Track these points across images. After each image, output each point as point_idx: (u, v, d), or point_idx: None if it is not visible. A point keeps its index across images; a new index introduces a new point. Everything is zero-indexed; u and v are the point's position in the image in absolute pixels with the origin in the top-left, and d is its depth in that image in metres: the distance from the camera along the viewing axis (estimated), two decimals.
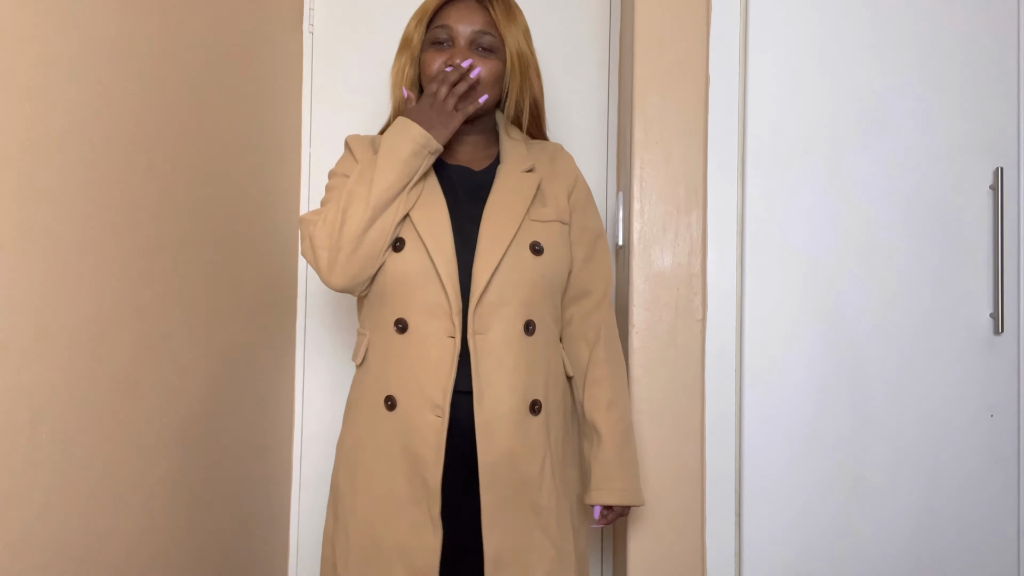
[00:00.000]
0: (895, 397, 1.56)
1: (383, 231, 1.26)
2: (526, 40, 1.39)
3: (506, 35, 1.35)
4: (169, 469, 1.39)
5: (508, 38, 1.35)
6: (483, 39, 1.35)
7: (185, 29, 1.42)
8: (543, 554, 1.27)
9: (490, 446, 1.25)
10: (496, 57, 1.36)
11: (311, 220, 1.30)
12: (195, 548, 1.50)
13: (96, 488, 1.19)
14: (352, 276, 1.27)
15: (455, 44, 1.34)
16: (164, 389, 1.37)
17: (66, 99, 1.09)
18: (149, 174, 1.31)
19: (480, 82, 1.33)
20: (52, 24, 1.07)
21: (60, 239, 1.09)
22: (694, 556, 1.55)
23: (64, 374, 1.11)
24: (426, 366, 1.26)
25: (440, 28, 1.35)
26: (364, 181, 1.27)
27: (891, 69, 1.58)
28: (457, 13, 1.35)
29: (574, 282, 1.40)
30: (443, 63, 1.33)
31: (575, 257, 1.39)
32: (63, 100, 1.09)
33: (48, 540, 1.08)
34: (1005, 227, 1.56)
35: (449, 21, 1.35)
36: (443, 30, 1.35)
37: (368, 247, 1.26)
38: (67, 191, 1.10)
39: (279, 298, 1.89)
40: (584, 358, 1.39)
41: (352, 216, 1.25)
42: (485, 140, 1.42)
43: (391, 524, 1.27)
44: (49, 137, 1.06)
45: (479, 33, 1.34)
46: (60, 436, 1.10)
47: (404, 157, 1.26)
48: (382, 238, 1.27)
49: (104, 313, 1.20)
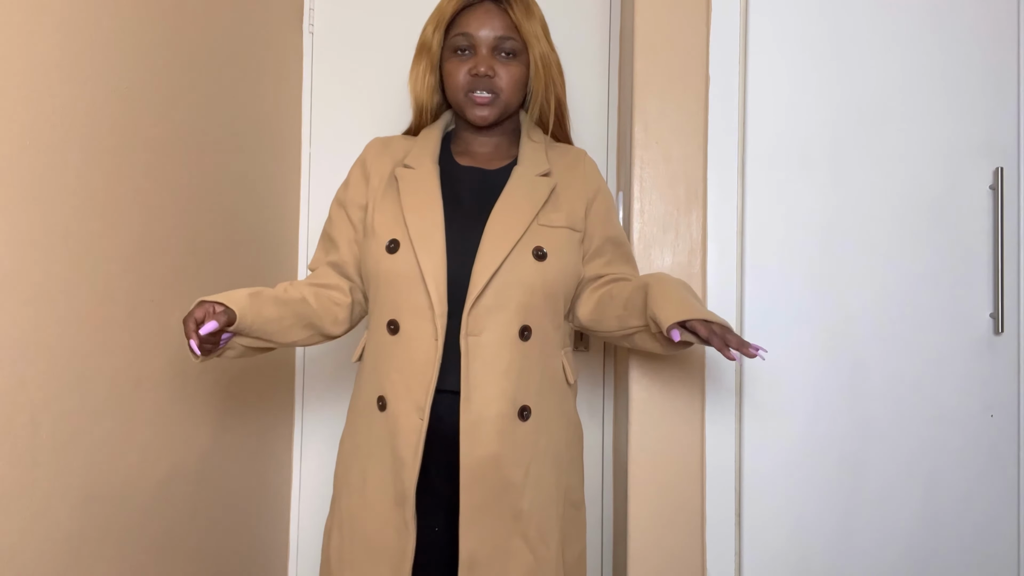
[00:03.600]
0: (895, 397, 1.56)
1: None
2: (546, 37, 1.38)
3: (528, 37, 1.34)
4: (169, 469, 1.39)
5: (530, 39, 1.35)
6: (505, 44, 1.33)
7: (185, 29, 1.42)
8: (520, 560, 1.26)
9: (473, 448, 1.24)
10: (519, 61, 1.35)
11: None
12: (195, 548, 1.50)
13: (96, 488, 1.19)
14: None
15: (476, 52, 1.33)
16: (164, 389, 1.37)
17: (66, 99, 1.09)
18: (149, 175, 1.31)
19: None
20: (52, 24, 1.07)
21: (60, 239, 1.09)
22: (694, 556, 1.55)
23: (64, 374, 1.11)
24: (414, 368, 1.27)
25: (460, 36, 1.34)
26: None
27: (891, 69, 1.58)
28: (477, 19, 1.33)
29: (591, 281, 1.39)
30: (467, 72, 1.33)
31: (594, 266, 1.38)
32: (63, 100, 1.09)
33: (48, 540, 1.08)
34: (1005, 227, 1.56)
35: (469, 28, 1.33)
36: (464, 38, 1.33)
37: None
38: (67, 191, 1.10)
39: None
40: (608, 299, 1.33)
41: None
42: (507, 141, 1.42)
43: (380, 525, 1.28)
44: (48, 137, 1.06)
45: (501, 39, 1.33)
46: (60, 436, 1.10)
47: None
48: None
49: (104, 313, 1.20)
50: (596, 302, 1.36)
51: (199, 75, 1.47)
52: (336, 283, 1.37)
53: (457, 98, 1.35)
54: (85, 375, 1.15)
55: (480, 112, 1.33)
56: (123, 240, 1.24)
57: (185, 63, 1.42)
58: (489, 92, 1.32)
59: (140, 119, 1.28)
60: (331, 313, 1.35)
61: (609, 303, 1.33)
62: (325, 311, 1.34)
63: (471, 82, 1.32)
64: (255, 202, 1.73)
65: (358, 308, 1.40)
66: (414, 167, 1.35)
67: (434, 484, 1.27)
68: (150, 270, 1.31)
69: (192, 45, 1.44)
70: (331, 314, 1.35)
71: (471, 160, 1.40)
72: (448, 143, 1.43)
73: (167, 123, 1.36)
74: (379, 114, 1.97)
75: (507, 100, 1.35)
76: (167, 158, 1.36)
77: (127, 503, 1.27)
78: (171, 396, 1.39)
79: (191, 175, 1.45)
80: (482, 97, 1.32)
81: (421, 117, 1.43)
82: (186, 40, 1.42)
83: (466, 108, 1.34)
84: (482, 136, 1.40)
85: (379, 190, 1.37)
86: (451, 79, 1.35)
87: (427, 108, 1.42)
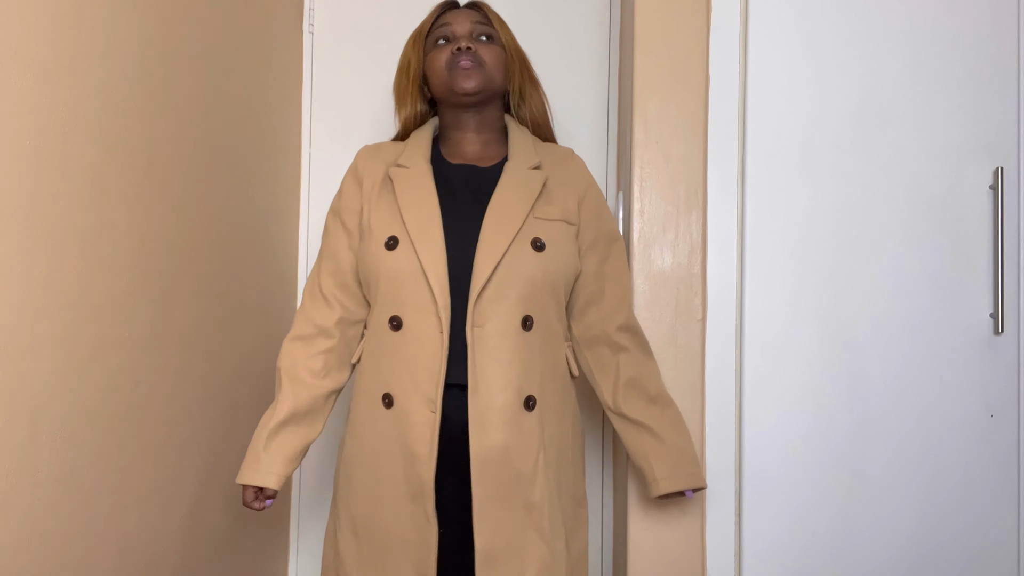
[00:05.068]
0: (895, 397, 1.55)
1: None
2: (518, 45, 1.49)
3: (500, 31, 1.44)
4: (169, 469, 1.40)
5: (503, 33, 1.44)
6: (481, 29, 1.42)
7: (185, 29, 1.42)
8: (535, 552, 1.27)
9: (483, 439, 1.25)
10: (496, 44, 1.43)
11: (305, 291, 1.43)
12: (195, 548, 1.50)
13: (96, 488, 1.19)
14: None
15: (456, 36, 1.41)
16: (163, 389, 1.37)
17: (66, 99, 1.09)
18: (149, 174, 1.31)
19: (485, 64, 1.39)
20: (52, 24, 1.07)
21: (60, 239, 1.09)
22: (694, 556, 1.55)
23: (64, 374, 1.11)
24: (421, 362, 1.27)
25: (439, 28, 1.43)
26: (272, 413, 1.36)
27: (891, 69, 1.58)
28: (453, 16, 1.44)
29: (589, 286, 1.41)
30: (451, 52, 1.38)
31: (589, 262, 1.40)
32: (63, 100, 1.09)
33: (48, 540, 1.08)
34: (1005, 227, 1.56)
35: (447, 21, 1.44)
36: (443, 28, 1.42)
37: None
38: (67, 191, 1.10)
39: (279, 298, 1.89)
40: (611, 362, 1.40)
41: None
42: (495, 139, 1.46)
43: (395, 522, 1.28)
44: (49, 137, 1.06)
45: (476, 24, 1.42)
46: (60, 436, 1.10)
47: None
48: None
49: (104, 314, 1.20)
50: (596, 364, 1.43)
51: (199, 75, 1.47)
52: (324, 327, 1.38)
53: (443, 77, 1.39)
54: (85, 375, 1.15)
55: (466, 81, 1.36)
56: (123, 240, 1.24)
57: (185, 63, 1.42)
58: (472, 61, 1.37)
59: (139, 119, 1.28)
60: (329, 378, 1.38)
61: (606, 380, 1.42)
62: (325, 390, 1.38)
63: (454, 57, 1.37)
64: (255, 202, 1.73)
65: (344, 346, 1.40)
66: (408, 166, 1.38)
67: (442, 481, 1.28)
68: (150, 270, 1.32)
69: (192, 45, 1.44)
70: (331, 377, 1.38)
71: (462, 159, 1.43)
72: (437, 147, 1.45)
73: (167, 123, 1.36)
74: (379, 114, 1.97)
75: (490, 72, 1.39)
76: (167, 158, 1.36)
77: (127, 503, 1.27)
78: (171, 396, 1.39)
79: (191, 175, 1.45)
80: (466, 62, 1.36)
81: (407, 125, 1.48)
82: (186, 40, 1.42)
83: (453, 81, 1.37)
84: (470, 133, 1.43)
85: (374, 192, 1.38)
86: (435, 63, 1.40)
87: (412, 115, 1.47)
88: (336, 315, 1.38)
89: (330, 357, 1.37)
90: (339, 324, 1.38)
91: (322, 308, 1.38)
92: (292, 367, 1.36)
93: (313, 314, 1.39)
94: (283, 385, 1.36)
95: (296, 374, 1.35)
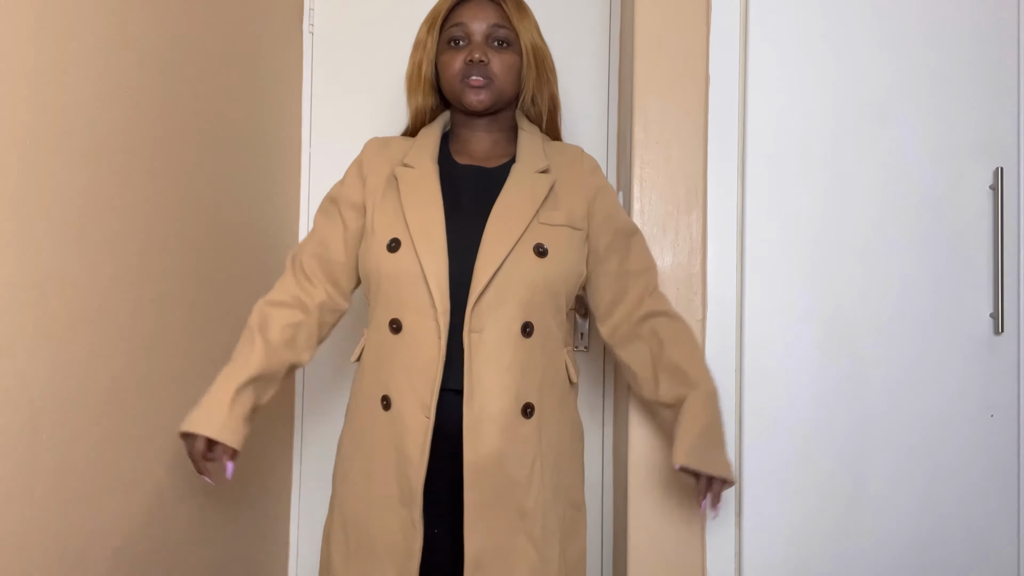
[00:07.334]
0: (895, 397, 1.55)
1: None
2: (539, 36, 1.42)
3: (520, 29, 1.38)
4: (168, 469, 1.39)
5: (522, 32, 1.38)
6: (498, 32, 1.37)
7: (185, 29, 1.42)
8: (525, 558, 1.26)
9: (477, 445, 1.24)
10: (512, 50, 1.38)
11: (288, 262, 1.41)
12: (195, 548, 1.50)
13: (96, 488, 1.19)
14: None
15: (471, 41, 1.37)
16: (164, 389, 1.37)
17: (66, 99, 1.09)
18: (149, 174, 1.31)
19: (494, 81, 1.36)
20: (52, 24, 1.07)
21: (60, 239, 1.09)
22: (694, 556, 1.55)
23: (64, 374, 1.11)
24: (418, 366, 1.27)
25: (455, 27, 1.38)
26: (237, 354, 1.32)
27: (891, 69, 1.58)
28: (471, 11, 1.38)
29: (613, 287, 1.39)
30: (463, 60, 1.35)
31: (610, 263, 1.39)
32: (63, 100, 1.09)
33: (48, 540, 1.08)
34: (1005, 227, 1.56)
35: (463, 19, 1.37)
36: (458, 28, 1.37)
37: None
38: (67, 191, 1.10)
39: None
40: (646, 358, 1.38)
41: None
42: (504, 138, 1.44)
43: (383, 525, 1.27)
44: (49, 137, 1.06)
45: (494, 27, 1.37)
46: (60, 436, 1.10)
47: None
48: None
49: (104, 313, 1.20)
50: (633, 345, 1.40)
51: (199, 75, 1.47)
52: (304, 303, 1.37)
53: (453, 86, 1.37)
54: (85, 375, 1.15)
55: (476, 96, 1.35)
56: (123, 240, 1.24)
57: (185, 63, 1.42)
58: (483, 77, 1.34)
59: (139, 119, 1.28)
60: (295, 351, 1.36)
61: (645, 362, 1.39)
62: (294, 350, 1.36)
63: (466, 68, 1.35)
64: (255, 202, 1.73)
65: (317, 328, 1.38)
66: (414, 166, 1.36)
67: (436, 485, 1.27)
68: (150, 270, 1.31)
69: (192, 45, 1.44)
70: (296, 351, 1.36)
71: (469, 159, 1.41)
72: (446, 143, 1.43)
73: (167, 123, 1.36)
74: (379, 114, 1.97)
75: (501, 86, 1.37)
76: (166, 158, 1.36)
77: (127, 503, 1.27)
78: (171, 396, 1.39)
79: (190, 175, 1.45)
80: (476, 80, 1.34)
81: (417, 118, 1.45)
82: (186, 40, 1.42)
83: (462, 94, 1.36)
84: (479, 132, 1.41)
85: (378, 190, 1.37)
86: (447, 69, 1.37)
87: (423, 108, 1.44)
88: (320, 297, 1.37)
89: (300, 331, 1.35)
90: (320, 308, 1.37)
91: (306, 285, 1.37)
92: (264, 327, 1.33)
93: (295, 288, 1.37)
94: (255, 341, 1.31)
95: (269, 336, 1.32)
